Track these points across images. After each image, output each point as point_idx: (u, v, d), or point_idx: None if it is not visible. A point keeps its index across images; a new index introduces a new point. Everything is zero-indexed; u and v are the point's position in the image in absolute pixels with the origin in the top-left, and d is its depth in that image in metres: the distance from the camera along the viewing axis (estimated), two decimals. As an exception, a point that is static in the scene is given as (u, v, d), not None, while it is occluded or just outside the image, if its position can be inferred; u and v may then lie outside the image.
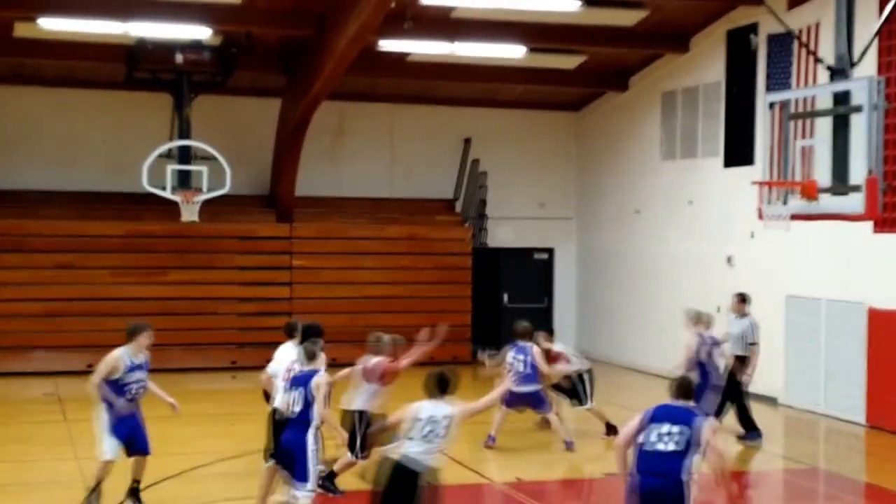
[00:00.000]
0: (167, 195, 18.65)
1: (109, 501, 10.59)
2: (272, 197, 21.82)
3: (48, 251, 19.98)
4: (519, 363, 13.62)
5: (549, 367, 13.84)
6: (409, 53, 19.95)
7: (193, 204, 18.70)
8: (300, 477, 9.36)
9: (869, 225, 15.03)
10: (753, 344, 14.51)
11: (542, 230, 23.76)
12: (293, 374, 9.95)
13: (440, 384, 8.90)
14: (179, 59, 18.80)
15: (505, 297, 23.47)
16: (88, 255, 20.15)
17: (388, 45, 18.89)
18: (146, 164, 18.45)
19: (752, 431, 14.59)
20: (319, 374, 9.61)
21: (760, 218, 12.56)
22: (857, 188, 10.75)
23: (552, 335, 14.57)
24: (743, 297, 14.82)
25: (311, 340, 10.28)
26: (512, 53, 19.60)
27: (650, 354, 20.34)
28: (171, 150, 19.12)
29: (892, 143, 14.06)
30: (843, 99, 11.45)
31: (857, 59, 11.43)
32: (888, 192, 12.32)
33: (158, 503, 10.95)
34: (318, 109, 19.84)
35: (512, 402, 13.60)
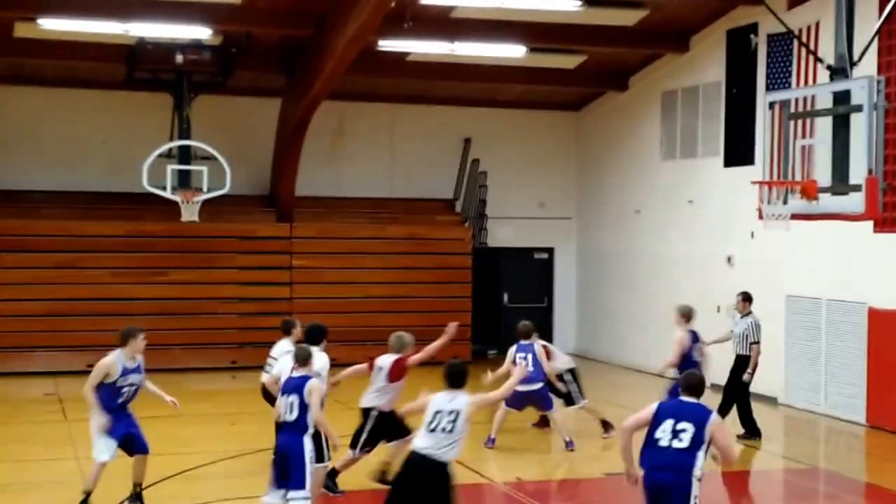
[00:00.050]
0: (167, 195, 18.65)
1: (110, 502, 10.59)
2: (272, 197, 21.83)
3: (48, 251, 19.99)
4: (524, 361, 13.66)
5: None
6: (409, 53, 19.95)
7: (193, 204, 18.70)
8: (296, 483, 9.26)
9: (869, 224, 15.01)
10: (756, 343, 14.52)
11: (542, 230, 23.76)
12: (286, 379, 9.87)
13: (455, 377, 8.98)
14: (179, 59, 18.81)
15: (505, 296, 23.49)
16: (89, 255, 20.16)
17: (388, 44, 18.90)
18: (146, 164, 18.44)
19: (751, 432, 14.59)
20: (312, 379, 9.56)
21: (761, 218, 12.59)
22: (857, 188, 10.76)
23: (537, 334, 14.62)
24: (746, 296, 14.82)
25: (303, 345, 10.24)
26: (512, 53, 19.59)
27: (650, 354, 20.29)
28: (171, 150, 19.11)
29: (892, 142, 14.06)
30: (843, 98, 11.47)
31: (857, 58, 11.46)
32: (888, 191, 12.33)
33: (158, 502, 10.96)
34: (318, 109, 19.84)
35: (516, 400, 13.58)
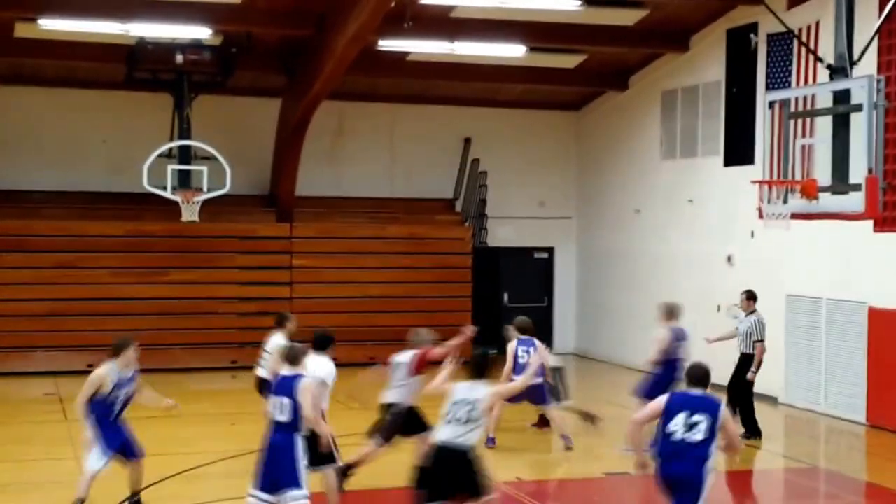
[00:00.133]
0: (167, 195, 18.65)
1: (109, 502, 10.59)
2: (272, 197, 21.83)
3: (49, 251, 20.00)
4: (526, 355, 13.70)
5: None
6: (408, 53, 19.94)
7: (194, 204, 18.70)
8: (292, 483, 9.20)
9: (869, 224, 15.00)
10: (759, 341, 14.49)
11: (542, 230, 23.75)
12: (278, 379, 9.81)
13: (478, 367, 9.12)
14: (179, 59, 18.81)
15: (505, 296, 23.47)
16: (89, 254, 20.17)
17: (387, 44, 18.90)
18: (146, 163, 18.44)
19: (752, 432, 14.58)
20: (305, 378, 9.52)
21: (761, 217, 12.59)
22: (857, 187, 10.76)
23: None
24: (751, 294, 14.78)
25: (295, 344, 10.25)
26: (512, 53, 19.59)
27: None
28: (171, 149, 19.11)
29: (892, 141, 14.05)
30: (843, 98, 11.46)
31: (856, 57, 11.45)
32: (888, 190, 12.32)
33: (158, 502, 10.95)
34: (318, 109, 19.84)
35: (516, 395, 13.57)
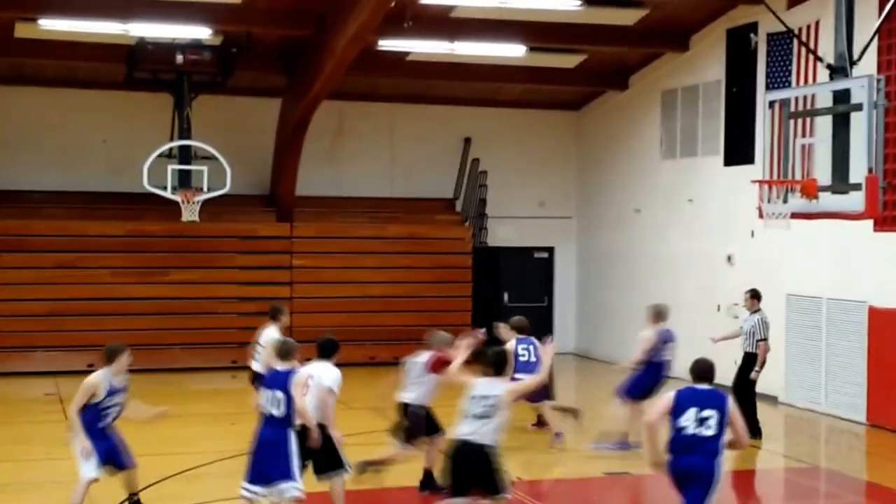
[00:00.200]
0: (167, 195, 18.66)
1: (109, 502, 10.58)
2: (272, 197, 21.83)
3: (49, 251, 20.01)
4: (527, 353, 13.74)
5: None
6: (408, 53, 19.95)
7: (194, 204, 18.71)
8: (285, 474, 9.26)
9: (869, 223, 14.99)
10: (763, 340, 14.47)
11: (542, 229, 23.75)
12: (270, 372, 9.81)
13: (498, 364, 9.07)
14: (179, 59, 18.81)
15: (505, 296, 23.46)
16: (89, 254, 20.17)
17: (387, 44, 18.90)
18: (147, 163, 18.45)
19: (752, 432, 14.56)
20: (298, 372, 9.57)
21: (761, 217, 12.58)
22: (857, 187, 10.75)
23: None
24: (755, 293, 14.74)
25: (287, 339, 10.31)
26: (512, 53, 19.59)
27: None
28: (171, 149, 19.12)
29: (892, 141, 14.06)
30: (843, 97, 11.46)
31: (856, 57, 11.44)
32: (888, 190, 12.32)
33: (158, 502, 10.95)
34: (318, 109, 19.85)
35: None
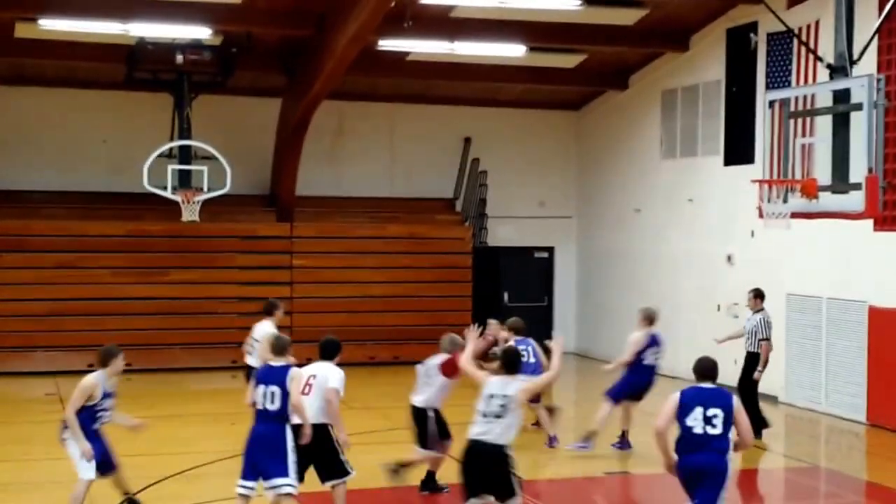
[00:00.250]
0: (168, 195, 18.65)
1: (109, 502, 10.58)
2: (272, 196, 21.83)
3: (49, 251, 20.01)
4: (525, 354, 13.74)
5: None
6: (408, 53, 19.95)
7: (194, 204, 18.70)
8: (280, 471, 9.27)
9: (869, 223, 14.99)
10: (765, 340, 14.44)
11: (542, 229, 23.76)
12: (264, 368, 9.82)
13: (512, 363, 9.04)
14: (180, 59, 18.81)
15: (505, 296, 23.45)
16: (89, 254, 20.17)
17: (387, 44, 18.90)
18: (147, 163, 18.44)
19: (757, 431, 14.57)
20: (294, 368, 9.60)
21: (761, 216, 12.58)
22: (857, 186, 10.76)
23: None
24: (758, 292, 14.71)
25: (281, 335, 10.36)
26: (512, 52, 19.59)
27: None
28: (171, 149, 19.12)
29: (892, 140, 14.06)
30: (843, 97, 11.46)
31: (856, 57, 11.44)
32: (888, 190, 12.32)
33: (158, 502, 10.95)
34: (318, 109, 19.85)
35: None
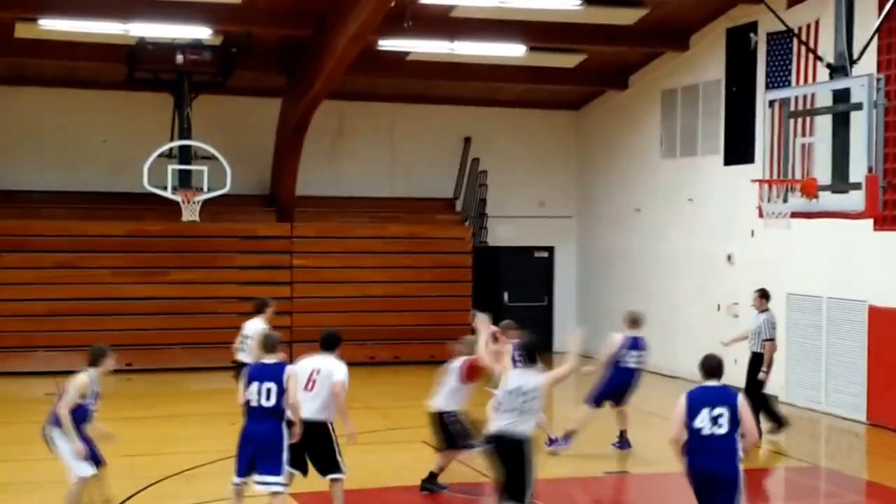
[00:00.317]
0: (168, 195, 18.66)
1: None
2: (272, 196, 21.84)
3: (49, 251, 20.02)
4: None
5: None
6: (408, 53, 19.95)
7: (194, 204, 18.71)
8: (272, 469, 9.28)
9: (869, 223, 15.00)
10: (769, 340, 14.41)
11: (542, 229, 23.76)
12: (257, 365, 9.81)
13: (528, 354, 9.11)
14: (180, 59, 18.82)
15: (505, 295, 23.48)
16: (89, 254, 20.18)
17: (387, 44, 18.91)
18: (147, 163, 18.45)
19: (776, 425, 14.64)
20: (290, 366, 9.62)
21: (761, 216, 12.59)
22: (857, 186, 10.76)
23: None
24: (763, 292, 14.68)
25: (272, 332, 10.39)
26: (512, 52, 19.59)
27: (650, 353, 20.26)
28: (171, 149, 19.13)
29: (892, 140, 14.06)
30: (842, 97, 11.46)
31: (856, 56, 11.44)
32: (888, 189, 12.32)
33: (159, 501, 10.96)
34: (318, 109, 19.86)
35: None
